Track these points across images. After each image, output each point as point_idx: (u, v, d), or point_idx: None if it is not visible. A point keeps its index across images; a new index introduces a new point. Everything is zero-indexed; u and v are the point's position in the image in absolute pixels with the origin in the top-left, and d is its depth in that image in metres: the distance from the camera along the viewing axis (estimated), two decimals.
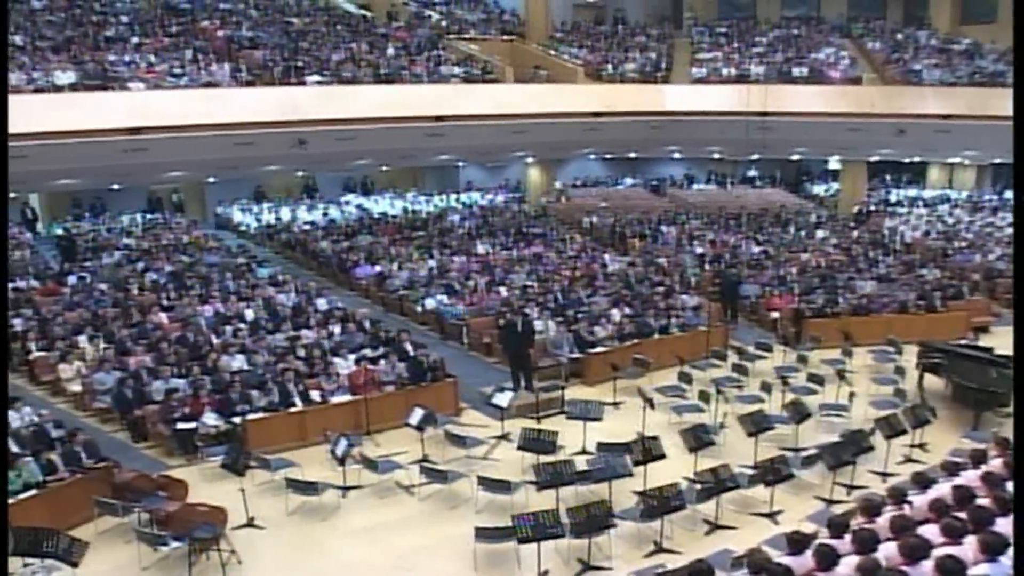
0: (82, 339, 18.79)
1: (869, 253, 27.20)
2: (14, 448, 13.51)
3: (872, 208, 32.50)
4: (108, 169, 23.30)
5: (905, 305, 22.39)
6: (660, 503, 11.54)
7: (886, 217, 32.63)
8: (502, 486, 12.86)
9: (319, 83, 25.28)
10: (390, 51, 28.90)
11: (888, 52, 32.76)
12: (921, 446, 14.89)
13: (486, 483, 12.94)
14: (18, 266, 24.62)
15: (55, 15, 27.78)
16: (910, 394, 17.12)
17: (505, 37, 34.59)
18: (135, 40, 26.00)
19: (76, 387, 17.34)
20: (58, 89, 22.33)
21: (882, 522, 8.56)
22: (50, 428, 14.46)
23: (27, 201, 31.74)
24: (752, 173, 41.62)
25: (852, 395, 16.68)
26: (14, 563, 10.86)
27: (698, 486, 12.50)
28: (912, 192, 38.35)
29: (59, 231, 29.91)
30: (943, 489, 9.23)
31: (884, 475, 13.78)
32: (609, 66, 32.47)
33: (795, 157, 37.64)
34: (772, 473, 12.48)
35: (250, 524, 12.70)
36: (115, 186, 30.74)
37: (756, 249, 27.90)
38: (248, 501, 12.82)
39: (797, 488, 13.30)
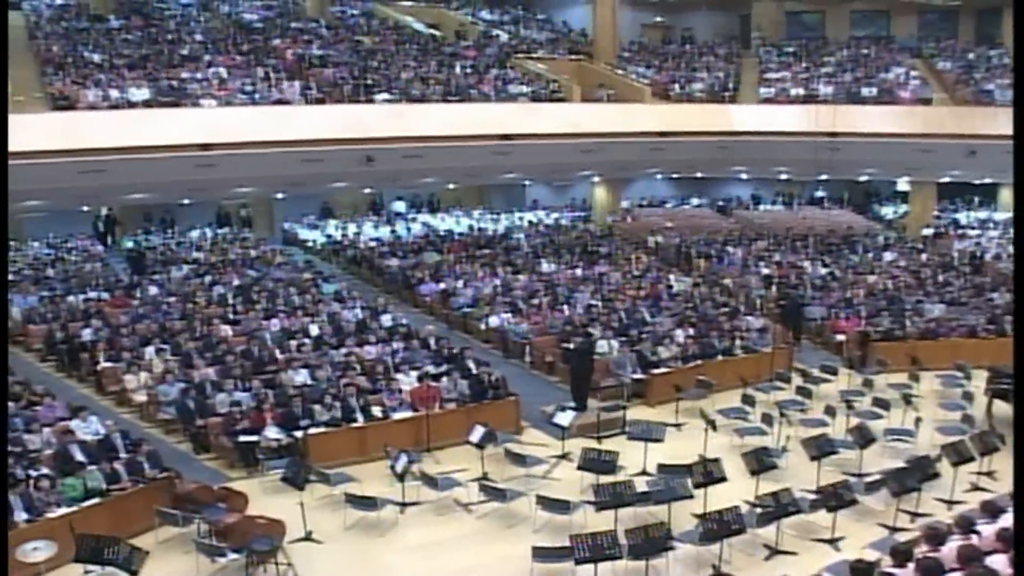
0: (149, 351, 19.04)
1: (938, 276, 26.72)
2: (79, 456, 13.75)
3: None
4: (179, 184, 23.66)
5: (974, 329, 21.98)
6: (720, 526, 11.39)
7: (955, 239, 32.06)
8: (561, 506, 12.80)
9: (388, 101, 25.51)
10: (458, 70, 29.08)
11: (959, 72, 32.26)
12: (989, 474, 14.56)
13: (545, 502, 12.89)
14: (89, 277, 25.09)
15: (132, 34, 28.37)
16: (978, 420, 16.73)
17: (572, 56, 34.64)
18: (208, 58, 26.47)
19: (141, 397, 17.55)
20: (132, 105, 22.76)
21: (947, 551, 8.37)
22: (115, 438, 14.67)
23: (99, 215, 32.31)
24: (820, 194, 41.10)
25: (918, 420, 16.36)
26: (75, 569, 11.03)
27: (759, 510, 12.38)
28: (983, 214, 37.64)
29: (129, 244, 30.41)
30: (1012, 519, 9.01)
31: (950, 503, 13.49)
32: (676, 85, 32.36)
33: (863, 178, 37.11)
34: (835, 498, 12.27)
35: (308, 538, 12.75)
36: (185, 201, 31.19)
37: (822, 271, 27.54)
38: (307, 515, 12.88)
39: (860, 514, 13.06)
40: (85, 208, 30.59)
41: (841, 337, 22.36)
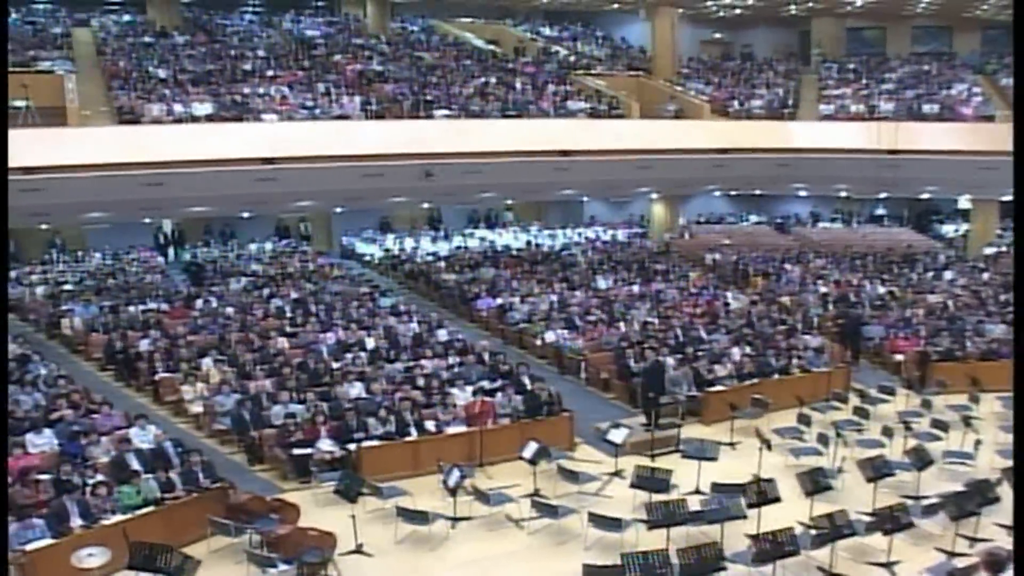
0: (206, 361, 19.23)
1: (1000, 295, 26.25)
2: (135, 465, 13.92)
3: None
4: (240, 197, 23.96)
5: None
6: (773, 548, 11.25)
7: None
8: (613, 523, 12.72)
9: (447, 116, 25.63)
10: (518, 86, 29.15)
11: None
12: None
13: (597, 520, 12.80)
14: (148, 289, 25.47)
15: (196, 50, 28.81)
16: None
17: (632, 73, 34.62)
18: (270, 73, 26.80)
19: (198, 408, 17.70)
20: (195, 120, 23.09)
21: None
22: (169, 447, 14.83)
23: (160, 227, 32.78)
24: (880, 212, 40.65)
25: (978, 443, 16.02)
26: None
27: (813, 532, 12.13)
28: None
29: (187, 256, 30.84)
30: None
31: (1011, 528, 13.21)
32: (735, 102, 32.21)
33: (924, 196, 36.63)
34: (891, 521, 12.04)
35: (358, 551, 12.76)
36: (245, 214, 31.55)
37: (881, 289, 27.18)
38: (358, 527, 12.89)
39: (917, 538, 12.82)
40: (147, 220, 31.06)
41: (900, 357, 22.00)
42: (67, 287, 25.83)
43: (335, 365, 19.44)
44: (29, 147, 19.69)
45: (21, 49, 26.41)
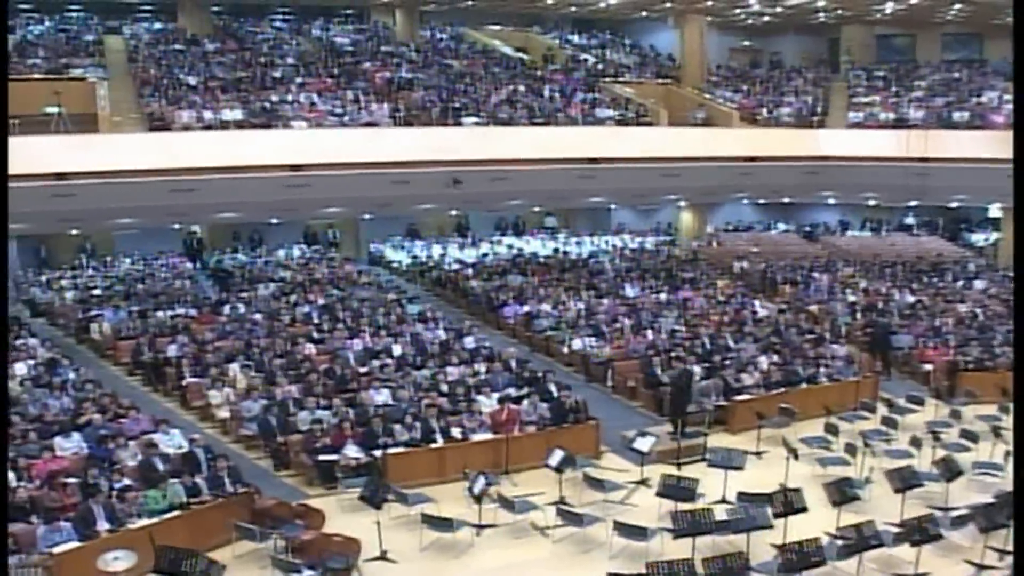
0: (233, 367, 19.30)
1: None
2: (161, 469, 13.99)
3: None
4: (269, 203, 24.02)
5: None
6: (799, 558, 11.16)
7: None
8: (638, 532, 12.68)
9: (475, 124, 25.67)
10: (546, 93, 29.17)
11: None
12: None
13: (622, 528, 12.78)
14: (177, 294, 25.62)
15: (226, 57, 29.00)
16: None
17: (660, 80, 34.56)
18: (299, 81, 26.91)
19: (224, 413, 17.79)
20: (225, 126, 23.23)
21: None
22: (196, 450, 14.89)
23: (191, 231, 32.95)
24: (909, 220, 40.32)
25: (1008, 454, 15.78)
26: None
27: (840, 542, 12.06)
28: None
29: (215, 262, 30.99)
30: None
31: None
32: (764, 110, 32.09)
33: (954, 204, 36.31)
34: (919, 533, 11.91)
35: (383, 557, 12.78)
36: (274, 220, 31.67)
37: (911, 298, 26.98)
38: (383, 534, 12.91)
39: (945, 550, 12.68)
40: (176, 226, 31.23)
41: (929, 366, 21.81)
42: (96, 292, 26.01)
43: (362, 371, 19.50)
44: (60, 153, 19.92)
45: (54, 56, 26.69)
